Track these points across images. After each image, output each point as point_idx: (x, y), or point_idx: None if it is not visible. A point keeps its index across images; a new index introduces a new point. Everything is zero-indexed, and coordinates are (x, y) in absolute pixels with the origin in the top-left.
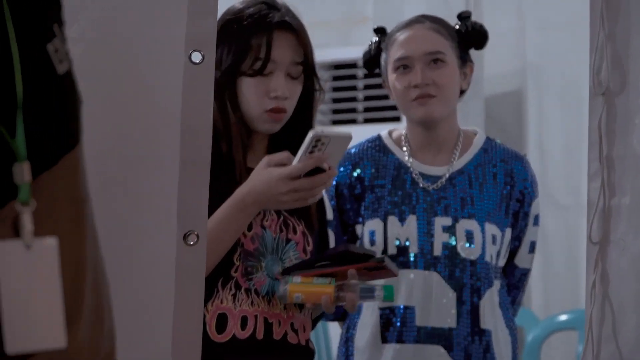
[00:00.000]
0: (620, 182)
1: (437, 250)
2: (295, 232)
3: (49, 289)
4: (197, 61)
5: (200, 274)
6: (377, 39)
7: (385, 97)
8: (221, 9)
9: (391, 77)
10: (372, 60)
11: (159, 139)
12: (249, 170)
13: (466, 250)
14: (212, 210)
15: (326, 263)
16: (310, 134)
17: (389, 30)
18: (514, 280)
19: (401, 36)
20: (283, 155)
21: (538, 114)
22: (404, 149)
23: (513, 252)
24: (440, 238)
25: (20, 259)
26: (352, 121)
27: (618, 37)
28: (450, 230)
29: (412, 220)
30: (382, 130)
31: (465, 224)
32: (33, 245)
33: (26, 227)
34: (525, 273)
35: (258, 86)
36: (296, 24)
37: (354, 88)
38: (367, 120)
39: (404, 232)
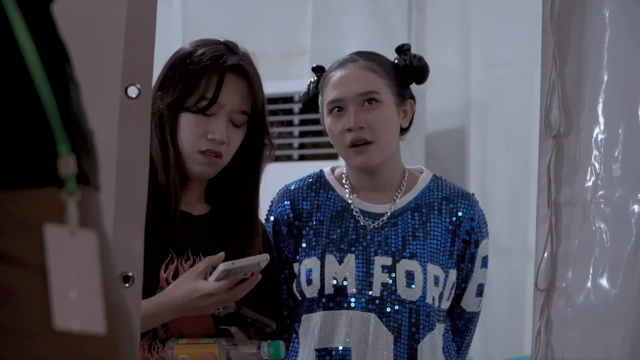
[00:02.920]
0: (568, 228)
1: (376, 291)
2: None
3: (90, 277)
4: (134, 95)
5: (136, 316)
6: (315, 78)
7: (323, 133)
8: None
9: (327, 120)
10: (311, 101)
11: None
12: (182, 213)
13: (406, 292)
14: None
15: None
16: (220, 267)
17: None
18: (461, 325)
19: (334, 77)
20: (208, 264)
21: (481, 154)
22: (346, 186)
23: (459, 295)
24: (379, 278)
25: (65, 244)
26: (288, 157)
27: (567, 78)
28: (390, 270)
29: (350, 259)
30: (317, 168)
31: (406, 264)
32: (77, 234)
33: (72, 216)
34: (472, 318)
35: (197, 124)
36: (251, 71)
37: (290, 123)
38: (303, 158)
39: (341, 271)
